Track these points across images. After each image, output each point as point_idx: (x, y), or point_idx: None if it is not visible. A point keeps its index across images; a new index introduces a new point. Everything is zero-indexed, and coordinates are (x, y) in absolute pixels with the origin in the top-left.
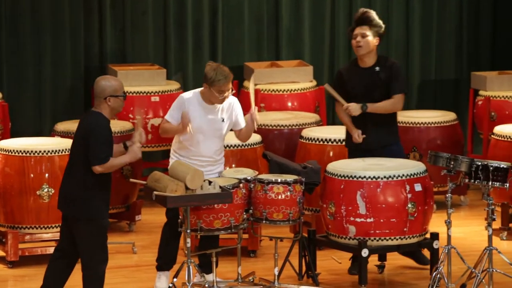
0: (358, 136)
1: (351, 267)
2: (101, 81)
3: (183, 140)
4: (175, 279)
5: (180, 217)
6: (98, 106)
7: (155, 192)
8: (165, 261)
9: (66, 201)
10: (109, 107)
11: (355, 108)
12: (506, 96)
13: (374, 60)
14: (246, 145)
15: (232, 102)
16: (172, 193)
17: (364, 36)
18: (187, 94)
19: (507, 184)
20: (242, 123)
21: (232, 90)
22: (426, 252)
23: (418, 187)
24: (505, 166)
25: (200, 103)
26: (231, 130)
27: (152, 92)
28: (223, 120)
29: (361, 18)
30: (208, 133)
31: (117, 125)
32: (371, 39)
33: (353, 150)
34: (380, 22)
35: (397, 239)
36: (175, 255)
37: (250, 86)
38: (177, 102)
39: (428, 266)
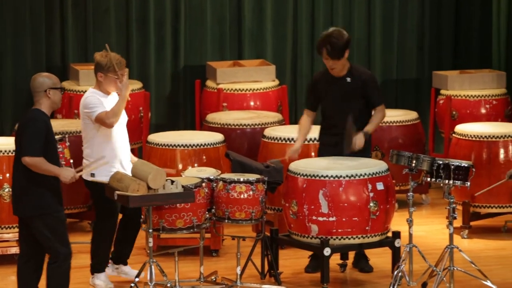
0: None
1: (307, 265)
2: (39, 77)
3: (101, 137)
4: (137, 279)
5: (142, 216)
6: (37, 102)
7: (117, 192)
8: (99, 262)
9: (18, 203)
10: (49, 100)
11: (361, 140)
12: (467, 95)
13: (346, 70)
14: (208, 144)
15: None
16: (134, 193)
17: (327, 60)
18: (89, 94)
19: (468, 183)
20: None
21: (125, 75)
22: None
23: (380, 186)
24: (466, 165)
25: (100, 97)
26: None
27: None
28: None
29: (318, 44)
30: (120, 122)
31: (71, 125)
32: (341, 61)
33: (325, 145)
34: (344, 38)
35: (359, 238)
36: (129, 254)
37: None
38: (93, 99)
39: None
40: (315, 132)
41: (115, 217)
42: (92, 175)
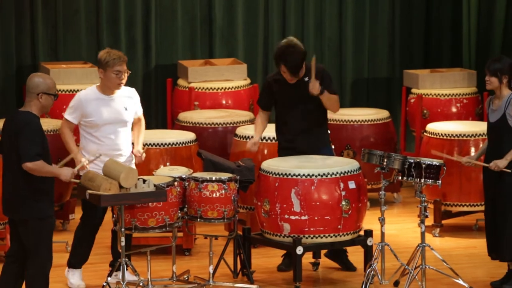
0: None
1: (280, 264)
2: (35, 78)
3: (89, 136)
4: (109, 278)
5: (114, 215)
6: (28, 103)
7: (88, 191)
8: (78, 260)
9: (11, 205)
10: (39, 104)
11: (316, 86)
12: (438, 94)
13: (303, 71)
14: (180, 143)
15: (130, 91)
16: (106, 192)
17: (284, 73)
18: (84, 92)
19: (440, 181)
20: (139, 111)
21: (128, 72)
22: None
23: (352, 185)
24: (437, 164)
25: (98, 97)
26: None
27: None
28: (126, 109)
29: (275, 57)
30: (114, 123)
31: (49, 124)
32: (290, 76)
33: (283, 148)
34: (301, 53)
35: (331, 237)
36: (88, 254)
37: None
38: (75, 101)
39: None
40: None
41: (98, 214)
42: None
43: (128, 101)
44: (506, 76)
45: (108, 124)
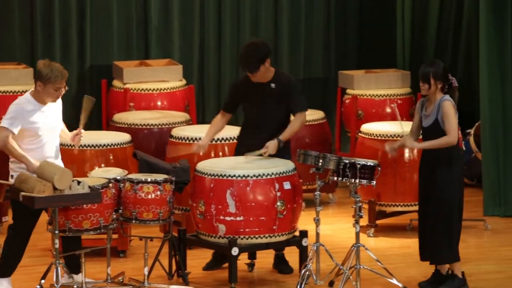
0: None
1: (207, 263)
2: None
3: (26, 145)
4: (42, 281)
5: (48, 217)
6: None
7: (22, 193)
8: (9, 268)
9: None
10: None
11: (273, 147)
12: (373, 95)
13: (270, 76)
14: (115, 144)
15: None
16: (40, 194)
17: (251, 76)
18: (21, 100)
19: (374, 182)
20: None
21: (66, 88)
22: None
23: (287, 186)
24: (372, 164)
25: (35, 106)
26: None
27: (18, 91)
28: (59, 116)
29: (241, 65)
30: (49, 132)
31: None
32: (260, 72)
33: (244, 145)
34: (258, 53)
35: (266, 237)
36: (19, 262)
37: None
38: (16, 110)
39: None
40: (226, 132)
41: (30, 220)
42: (11, 176)
43: (59, 108)
44: (440, 81)
45: (47, 132)
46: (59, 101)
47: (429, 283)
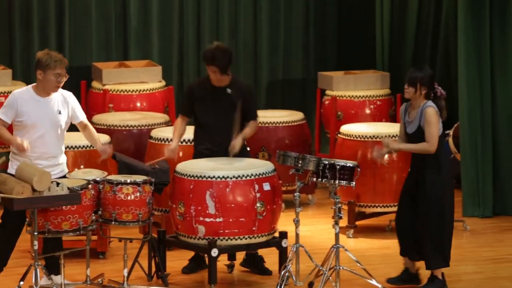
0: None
1: (185, 266)
2: None
3: (24, 137)
4: (21, 282)
5: (27, 219)
6: None
7: (0, 195)
8: None
9: None
10: None
11: (238, 143)
12: (352, 96)
13: (227, 81)
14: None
15: (67, 95)
16: (19, 195)
17: (214, 72)
18: (19, 91)
19: (353, 183)
20: (80, 116)
21: (67, 76)
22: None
23: (266, 187)
24: (351, 165)
25: (33, 98)
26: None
27: None
28: (60, 113)
29: (206, 59)
30: (46, 126)
31: None
32: (220, 75)
33: (201, 153)
34: (229, 54)
35: (246, 238)
36: (7, 259)
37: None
38: (9, 100)
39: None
40: (190, 133)
41: (19, 214)
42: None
43: (63, 105)
44: (425, 87)
45: (39, 126)
46: (70, 99)
47: (398, 280)
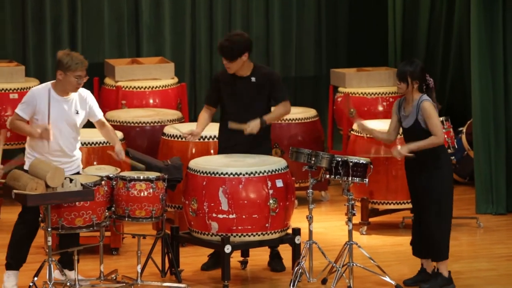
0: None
1: (204, 263)
2: None
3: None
4: (35, 278)
5: (40, 215)
6: None
7: (14, 191)
8: (16, 260)
9: None
10: None
11: (255, 126)
12: (364, 93)
13: (249, 70)
14: (108, 142)
15: (84, 94)
16: (32, 192)
17: (228, 64)
18: (37, 88)
19: (367, 180)
20: (98, 114)
21: (87, 77)
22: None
23: (279, 183)
24: (364, 162)
25: (52, 96)
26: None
27: (10, 89)
28: (77, 112)
29: (220, 51)
30: (62, 125)
31: None
32: (236, 63)
33: (223, 147)
34: (239, 41)
35: (259, 235)
36: (26, 255)
37: None
38: (28, 96)
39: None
40: (214, 129)
41: (34, 214)
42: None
43: (80, 104)
44: (416, 81)
45: (56, 125)
46: (88, 97)
47: (414, 281)
